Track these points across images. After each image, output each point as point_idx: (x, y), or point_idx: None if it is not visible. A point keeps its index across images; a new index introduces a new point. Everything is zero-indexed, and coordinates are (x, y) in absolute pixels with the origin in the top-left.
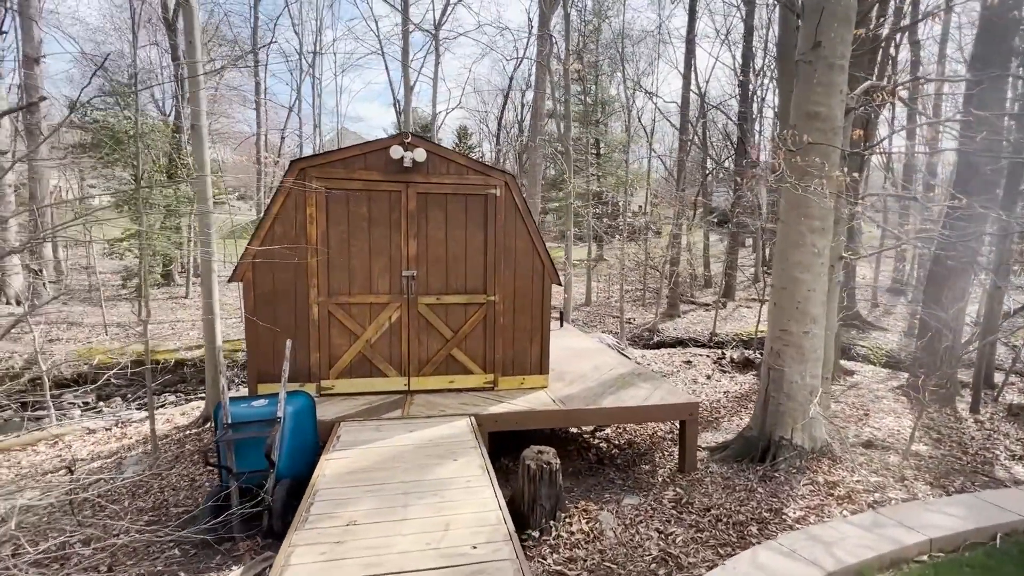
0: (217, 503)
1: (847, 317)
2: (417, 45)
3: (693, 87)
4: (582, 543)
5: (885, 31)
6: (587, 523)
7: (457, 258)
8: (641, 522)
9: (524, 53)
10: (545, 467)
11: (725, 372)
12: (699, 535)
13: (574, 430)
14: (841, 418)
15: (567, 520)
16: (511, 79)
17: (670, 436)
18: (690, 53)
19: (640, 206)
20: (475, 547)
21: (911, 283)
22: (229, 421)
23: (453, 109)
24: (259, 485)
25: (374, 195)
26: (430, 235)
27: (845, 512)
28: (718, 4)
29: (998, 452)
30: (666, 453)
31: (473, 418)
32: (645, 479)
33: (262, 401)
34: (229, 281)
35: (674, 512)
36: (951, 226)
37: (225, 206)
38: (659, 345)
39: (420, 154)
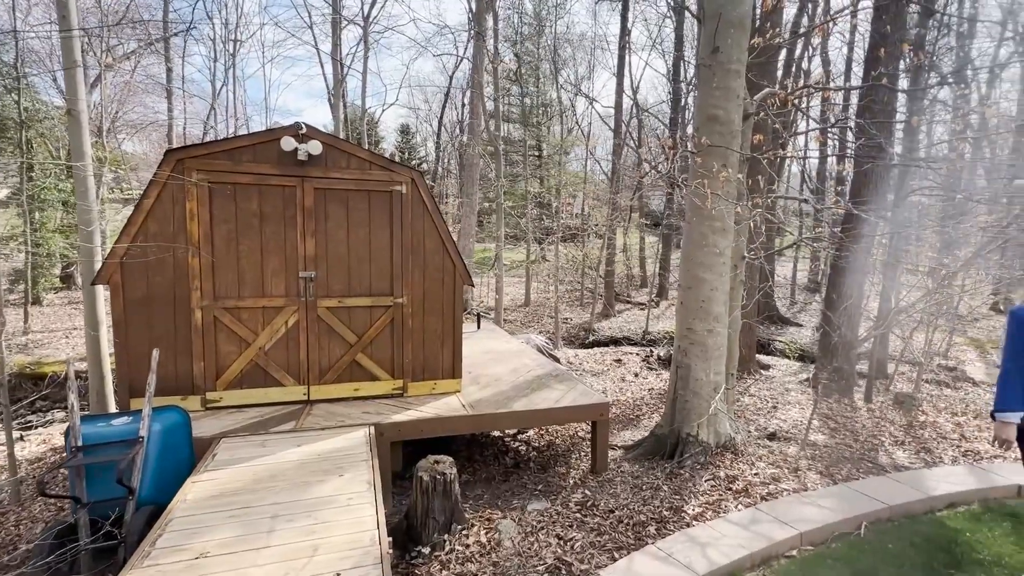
0: (61, 538)
1: (767, 315)
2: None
3: (628, 92)
4: (476, 556)
5: (777, 41)
6: (486, 533)
7: (361, 258)
8: (543, 528)
9: (464, 52)
10: (439, 478)
11: (652, 369)
12: (598, 539)
13: (496, 433)
14: (752, 411)
15: (464, 532)
16: (451, 78)
17: (591, 436)
18: (623, 59)
19: (581, 208)
20: (339, 574)
21: (823, 281)
22: (79, 443)
23: (390, 106)
24: (119, 515)
25: (266, 190)
26: (330, 233)
27: (740, 506)
28: (652, 13)
29: (883, 439)
30: (583, 454)
31: (373, 428)
32: (557, 482)
33: (124, 419)
34: (92, 284)
35: (578, 515)
36: (846, 229)
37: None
38: (594, 344)
39: (315, 147)
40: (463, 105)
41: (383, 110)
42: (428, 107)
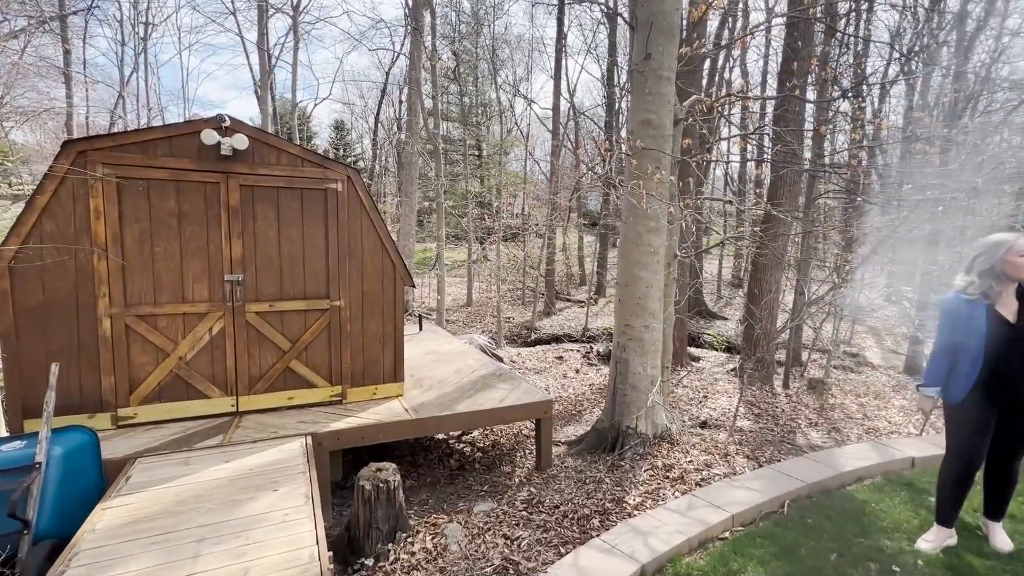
0: None
1: (697, 310)
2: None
3: (565, 95)
4: (422, 563)
5: (704, 51)
6: (432, 539)
7: (294, 260)
8: (489, 529)
9: (401, 48)
10: (382, 486)
11: (592, 365)
12: (544, 535)
13: (441, 436)
14: (685, 402)
15: (409, 540)
16: (388, 74)
17: (535, 433)
18: (559, 62)
19: (522, 208)
20: None
21: (746, 277)
22: None
23: (322, 101)
24: (12, 554)
25: (185, 187)
26: (259, 234)
27: (677, 493)
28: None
29: (800, 422)
30: (527, 451)
31: (310, 438)
32: (503, 481)
33: (16, 444)
34: None
35: (525, 514)
36: (765, 228)
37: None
38: (536, 342)
39: (240, 141)
40: (401, 102)
41: (315, 105)
42: (364, 103)
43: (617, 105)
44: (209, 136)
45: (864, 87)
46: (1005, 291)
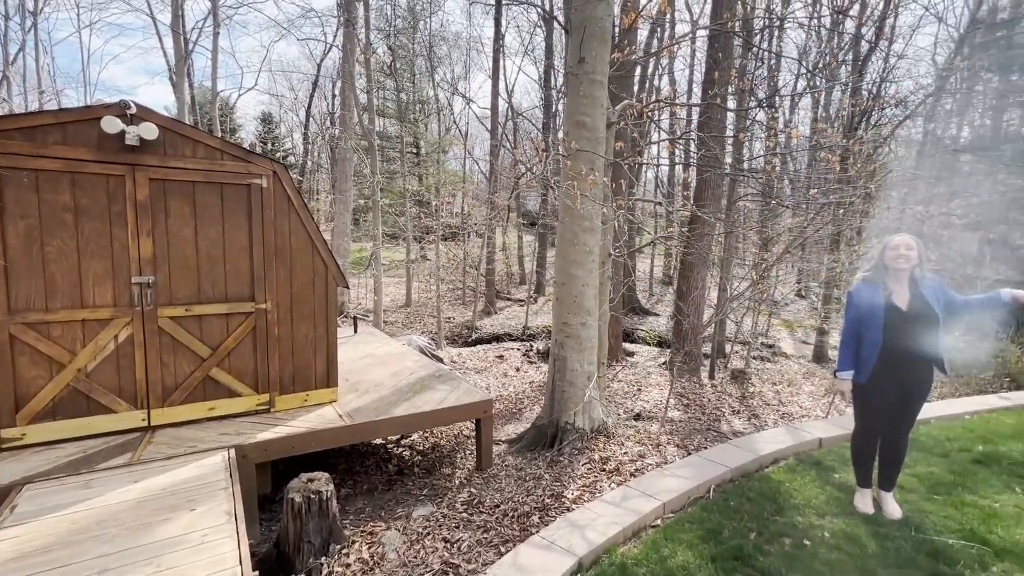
0: None
1: (631, 306)
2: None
3: (503, 95)
4: (358, 575)
5: (634, 57)
6: (369, 548)
7: (213, 260)
8: (429, 534)
9: (334, 40)
10: (314, 497)
11: (532, 363)
12: (485, 536)
13: (379, 441)
14: (620, 396)
15: (344, 551)
16: (320, 66)
17: (475, 433)
18: (497, 62)
19: (461, 207)
20: None
21: (675, 275)
22: None
23: (247, 91)
24: None
25: (83, 179)
26: (173, 232)
27: (613, 485)
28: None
29: (724, 410)
30: (468, 452)
31: (232, 451)
32: (443, 484)
33: None
34: None
35: (465, 515)
36: (692, 228)
37: None
38: (477, 342)
39: (149, 130)
40: (334, 96)
41: (239, 95)
42: (294, 95)
43: (554, 107)
44: (111, 124)
45: (777, 99)
46: (897, 282)
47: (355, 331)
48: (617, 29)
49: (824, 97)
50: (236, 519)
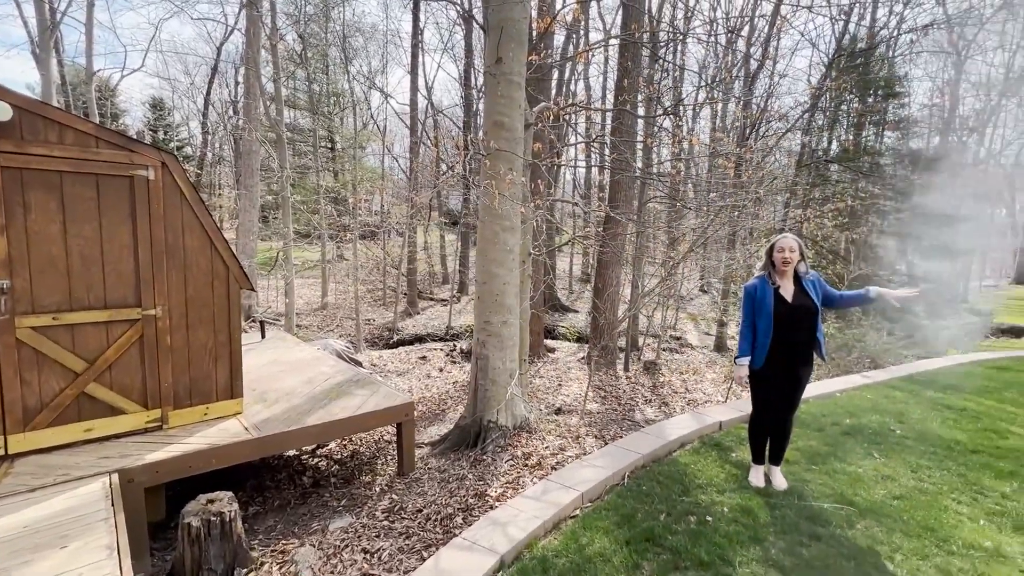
0: None
1: (551, 304)
2: None
3: (422, 91)
4: None
5: (550, 61)
6: (280, 569)
7: (88, 261)
8: (347, 546)
9: (236, 23)
10: (215, 519)
11: (456, 363)
12: (407, 542)
13: (292, 452)
14: (542, 391)
15: (251, 575)
16: (220, 49)
17: (397, 438)
18: (416, 58)
19: (380, 205)
20: None
21: (592, 273)
22: None
23: (132, 72)
24: None
25: None
26: (35, 229)
27: (535, 480)
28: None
29: (638, 400)
30: (390, 457)
31: (115, 476)
32: (362, 493)
33: None
34: None
35: (386, 523)
36: (606, 228)
37: None
38: (399, 343)
39: (2, 111)
40: (237, 83)
41: (123, 76)
42: (190, 80)
43: (475, 106)
44: None
45: (681, 108)
46: (783, 277)
47: (263, 336)
48: (534, 33)
49: (721, 108)
50: (119, 553)
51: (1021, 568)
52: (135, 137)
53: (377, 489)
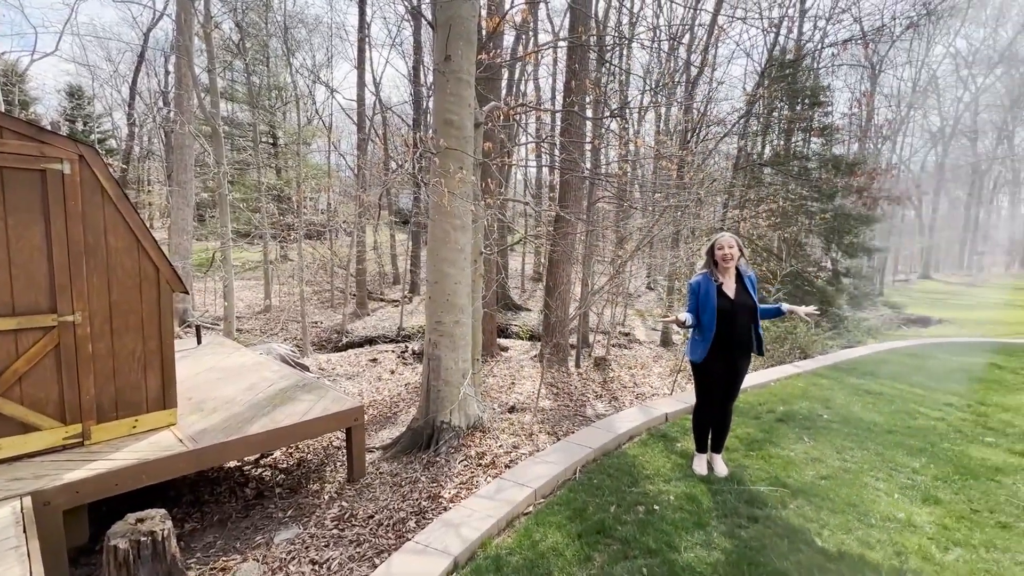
0: None
1: (504, 303)
2: None
3: (370, 87)
4: None
5: (500, 60)
6: None
7: None
8: (294, 559)
9: (165, 8)
10: (145, 540)
11: (408, 364)
12: (358, 550)
13: (233, 463)
14: (495, 390)
15: None
16: (147, 35)
17: (346, 443)
18: (363, 52)
19: (327, 204)
20: None
21: (543, 272)
22: None
23: (45, 57)
24: None
25: None
26: None
27: (489, 479)
28: (391, 13)
29: (589, 396)
30: (339, 464)
31: (28, 499)
32: (310, 502)
33: None
34: None
35: (336, 531)
36: (557, 227)
37: None
38: (348, 346)
39: None
40: (167, 72)
41: (32, 60)
42: (113, 68)
43: (424, 104)
44: None
45: (627, 111)
46: (726, 274)
47: (199, 342)
48: (484, 32)
49: (664, 112)
50: None
51: (929, 536)
52: (48, 128)
53: (326, 497)
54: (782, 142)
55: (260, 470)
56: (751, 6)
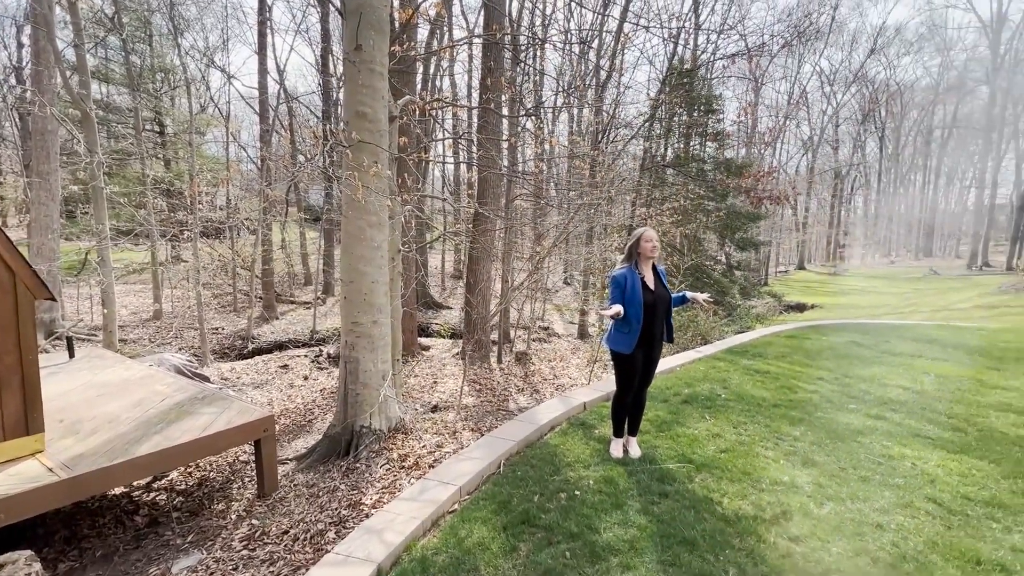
0: None
1: (424, 301)
2: None
3: (273, 75)
4: None
5: (414, 53)
6: None
7: None
8: None
9: None
10: None
11: (323, 369)
12: (271, 570)
13: (120, 490)
14: (417, 390)
15: None
16: None
17: (255, 456)
18: (264, 37)
19: (226, 199)
20: None
21: (464, 269)
22: None
23: None
24: None
25: None
26: None
27: (412, 480)
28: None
29: (511, 390)
30: (248, 479)
31: None
32: (215, 523)
33: None
34: None
35: (245, 553)
36: (476, 225)
37: None
38: (255, 353)
39: None
40: (20, 45)
41: None
42: None
43: (335, 95)
44: None
45: (542, 110)
46: (646, 267)
47: (71, 355)
48: (397, 23)
49: (577, 113)
50: None
51: (808, 494)
52: None
53: (233, 516)
54: (682, 145)
55: (154, 494)
56: (653, 16)
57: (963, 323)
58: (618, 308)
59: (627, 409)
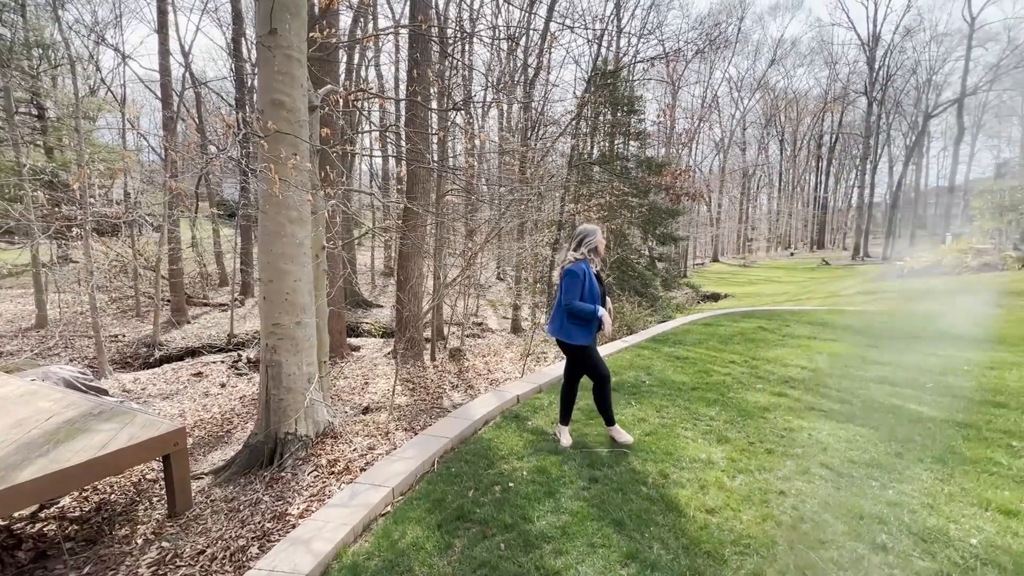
0: None
1: (353, 299)
2: None
3: (177, 57)
4: None
5: (335, 40)
6: None
7: None
8: None
9: None
10: None
11: (243, 375)
12: None
13: None
14: (347, 392)
15: None
16: None
17: (164, 473)
18: (164, 14)
19: (124, 193)
20: None
21: (395, 266)
22: None
23: None
24: None
25: None
26: None
27: (343, 486)
28: None
29: (445, 387)
30: (156, 499)
31: None
32: (116, 551)
33: None
34: None
35: None
36: (406, 220)
37: None
38: (163, 361)
39: None
40: None
41: None
42: None
43: (249, 82)
44: None
45: (471, 105)
46: (597, 260)
47: None
48: (316, 8)
49: (506, 109)
50: None
51: (722, 469)
52: None
53: (140, 541)
54: (607, 144)
55: (40, 525)
56: (578, 17)
57: (849, 307)
58: (603, 313)
59: (575, 396)
